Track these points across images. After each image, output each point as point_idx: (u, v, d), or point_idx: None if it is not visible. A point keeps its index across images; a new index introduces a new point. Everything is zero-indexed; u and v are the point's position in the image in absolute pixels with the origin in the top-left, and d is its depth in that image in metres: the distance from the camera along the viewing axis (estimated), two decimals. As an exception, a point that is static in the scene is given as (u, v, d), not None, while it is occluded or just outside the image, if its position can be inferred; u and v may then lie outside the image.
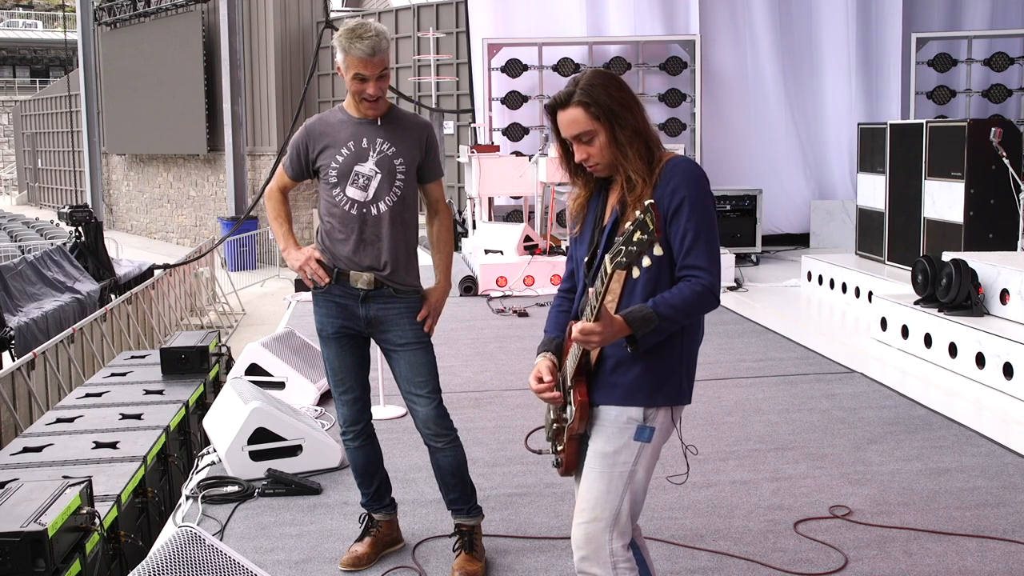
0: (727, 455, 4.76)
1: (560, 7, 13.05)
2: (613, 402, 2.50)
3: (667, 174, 2.46)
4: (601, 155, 2.50)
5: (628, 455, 2.50)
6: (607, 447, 2.50)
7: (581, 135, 2.49)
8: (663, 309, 2.37)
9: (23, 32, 58.59)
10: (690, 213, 2.42)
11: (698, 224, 2.42)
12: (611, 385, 2.50)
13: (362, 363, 3.61)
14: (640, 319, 2.36)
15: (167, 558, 2.76)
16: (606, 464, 2.50)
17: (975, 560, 3.61)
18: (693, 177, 2.47)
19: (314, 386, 5.78)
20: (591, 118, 2.47)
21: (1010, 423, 5.30)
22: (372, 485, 3.71)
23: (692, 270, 2.42)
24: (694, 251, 2.42)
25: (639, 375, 2.47)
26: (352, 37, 3.30)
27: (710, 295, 2.42)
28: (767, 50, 12.58)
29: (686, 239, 2.42)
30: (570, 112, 2.49)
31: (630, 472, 2.50)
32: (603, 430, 2.52)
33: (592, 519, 2.50)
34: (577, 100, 2.48)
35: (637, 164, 2.46)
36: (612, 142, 2.47)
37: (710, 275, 2.42)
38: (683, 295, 2.40)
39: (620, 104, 2.47)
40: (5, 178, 49.63)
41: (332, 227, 3.47)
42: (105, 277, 14.09)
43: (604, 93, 2.47)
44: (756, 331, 7.69)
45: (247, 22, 23.71)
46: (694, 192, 2.44)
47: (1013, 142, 7.34)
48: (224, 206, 24.50)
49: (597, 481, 2.51)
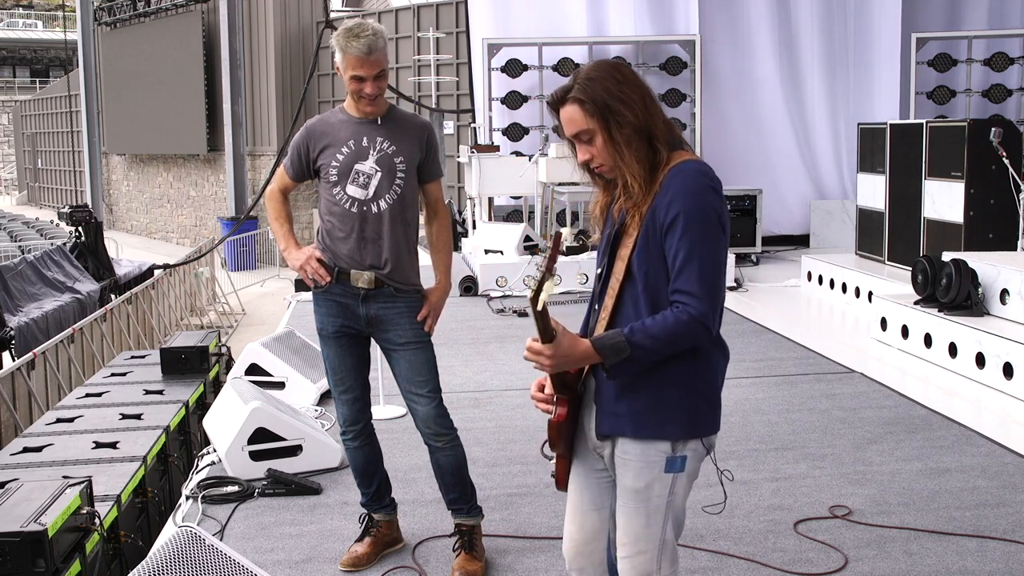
0: (727, 455, 4.76)
1: (560, 7, 13.05)
2: (624, 433, 2.30)
3: (668, 182, 2.24)
4: (603, 155, 2.31)
5: (662, 488, 2.30)
6: (637, 483, 2.30)
7: (580, 134, 2.31)
8: (638, 338, 2.16)
9: (23, 32, 58.60)
10: (683, 230, 2.18)
11: (691, 243, 2.18)
12: (615, 414, 2.30)
13: (362, 362, 3.61)
14: (610, 347, 2.16)
15: (167, 558, 2.76)
16: (640, 500, 2.31)
17: (975, 560, 3.61)
18: (692, 188, 2.22)
19: (314, 386, 5.78)
20: (587, 115, 2.27)
21: (1010, 423, 5.30)
22: (372, 485, 3.71)
23: (680, 295, 2.18)
24: (684, 274, 2.18)
25: (648, 404, 2.27)
26: (349, 36, 3.31)
27: (698, 326, 2.17)
28: (767, 50, 12.58)
29: (677, 259, 2.19)
30: (567, 109, 2.31)
31: (667, 503, 2.31)
32: (629, 465, 2.30)
33: (636, 552, 2.33)
34: (572, 96, 2.29)
35: (634, 167, 2.25)
36: (609, 142, 2.27)
37: (700, 302, 2.17)
38: (665, 324, 2.17)
39: (618, 100, 2.25)
40: (5, 178, 49.63)
41: (333, 226, 3.48)
42: (105, 277, 14.10)
43: (601, 88, 2.26)
44: (756, 331, 7.69)
45: (247, 22, 23.72)
46: (690, 205, 2.19)
47: (1013, 142, 7.34)
48: (224, 206, 24.50)
49: (634, 516, 2.32)
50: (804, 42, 12.62)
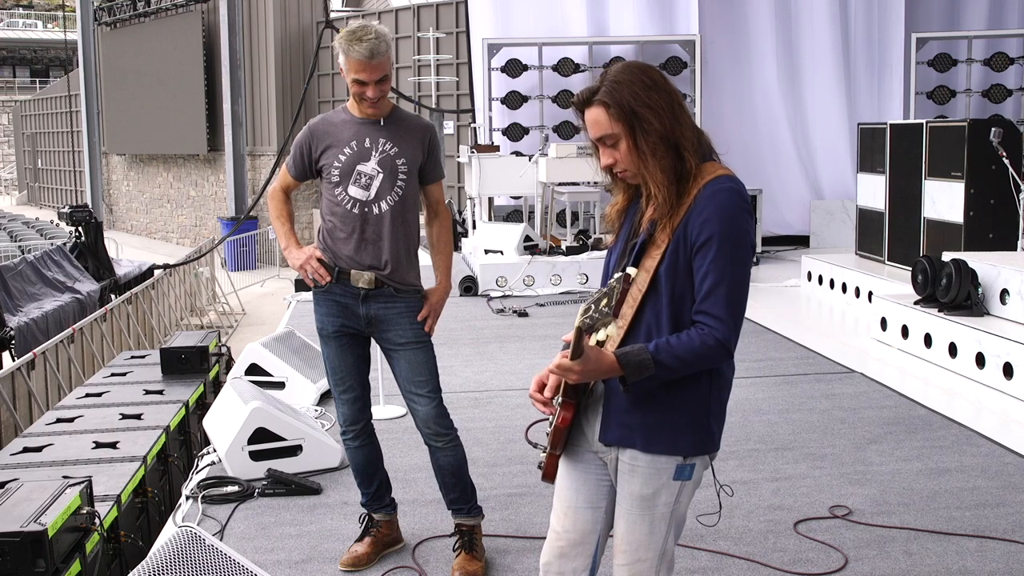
0: (727, 455, 4.76)
1: (560, 7, 13.06)
2: (634, 446, 2.27)
3: (703, 200, 2.19)
4: (627, 161, 2.26)
5: (669, 495, 2.28)
6: (645, 490, 2.28)
7: (604, 138, 2.26)
8: (664, 357, 2.14)
9: (23, 32, 58.62)
10: (716, 254, 2.16)
11: (723, 268, 2.16)
12: (627, 426, 2.28)
13: (362, 362, 3.61)
14: (635, 364, 2.14)
15: (167, 558, 2.76)
16: (645, 507, 2.29)
17: (975, 560, 3.61)
18: (729, 211, 2.18)
19: (314, 386, 5.78)
20: (612, 120, 2.22)
21: (1010, 423, 5.30)
22: (372, 485, 3.71)
23: (707, 317, 2.17)
24: (712, 297, 2.16)
25: (661, 419, 2.25)
26: (352, 40, 3.30)
27: (722, 349, 2.16)
28: (767, 50, 12.58)
29: (706, 281, 2.17)
30: (592, 112, 2.26)
31: (672, 511, 2.30)
32: (638, 472, 2.28)
33: (636, 560, 2.31)
34: (598, 99, 2.24)
35: (658, 176, 2.21)
36: (633, 148, 2.23)
37: (726, 327, 2.16)
38: (692, 345, 2.15)
39: (646, 106, 2.20)
40: (5, 178, 49.62)
41: (334, 226, 3.48)
42: (105, 277, 14.09)
43: (629, 92, 2.21)
44: (756, 331, 7.69)
45: (247, 22, 23.71)
46: (727, 229, 2.17)
47: (1013, 142, 7.34)
48: (224, 206, 24.50)
49: (638, 523, 2.30)
50: (804, 42, 12.63)
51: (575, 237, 10.54)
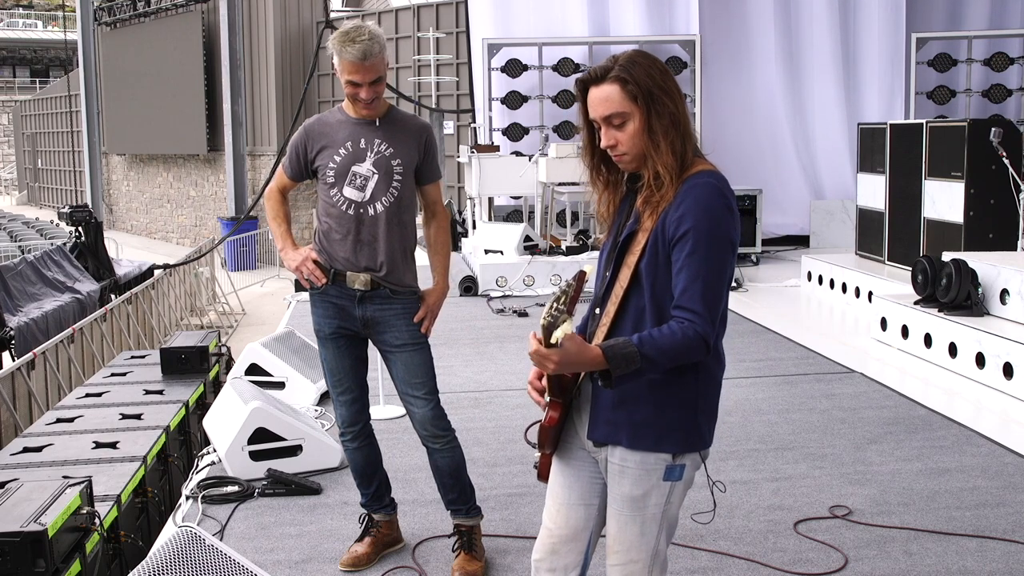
0: (727, 455, 4.76)
1: (560, 7, 13.06)
2: (620, 443, 2.27)
3: (683, 193, 2.20)
4: (631, 143, 2.24)
5: (659, 496, 2.28)
6: (635, 491, 2.27)
7: (612, 116, 2.23)
8: (648, 350, 2.11)
9: (23, 32, 58.62)
10: (692, 248, 2.15)
11: (699, 263, 2.15)
12: (612, 423, 2.27)
13: (360, 364, 3.61)
14: (621, 357, 2.09)
15: (167, 558, 2.76)
16: (636, 508, 2.28)
17: (975, 560, 3.61)
18: (707, 206, 2.18)
19: (314, 386, 5.78)
20: (627, 98, 2.21)
21: (1010, 423, 5.30)
22: (371, 485, 3.71)
23: (684, 312, 2.15)
24: (689, 292, 2.15)
25: (648, 418, 2.24)
26: (345, 40, 3.27)
27: (701, 343, 2.15)
28: (767, 50, 12.58)
29: (682, 275, 2.16)
30: (604, 88, 2.22)
31: (663, 512, 2.29)
32: (628, 472, 2.27)
33: (628, 561, 2.31)
34: (614, 76, 2.21)
35: (668, 159, 2.20)
36: (645, 129, 2.21)
37: (704, 321, 2.15)
38: (674, 338, 2.13)
39: (661, 88, 2.21)
40: (5, 178, 49.62)
41: (329, 227, 3.47)
42: (105, 277, 14.09)
43: (645, 73, 2.21)
44: (756, 331, 7.69)
45: (247, 22, 23.72)
46: (703, 223, 2.16)
47: (1013, 142, 7.34)
48: (224, 206, 24.51)
49: (628, 524, 2.29)
50: (804, 42, 12.63)
51: (575, 237, 10.54)
